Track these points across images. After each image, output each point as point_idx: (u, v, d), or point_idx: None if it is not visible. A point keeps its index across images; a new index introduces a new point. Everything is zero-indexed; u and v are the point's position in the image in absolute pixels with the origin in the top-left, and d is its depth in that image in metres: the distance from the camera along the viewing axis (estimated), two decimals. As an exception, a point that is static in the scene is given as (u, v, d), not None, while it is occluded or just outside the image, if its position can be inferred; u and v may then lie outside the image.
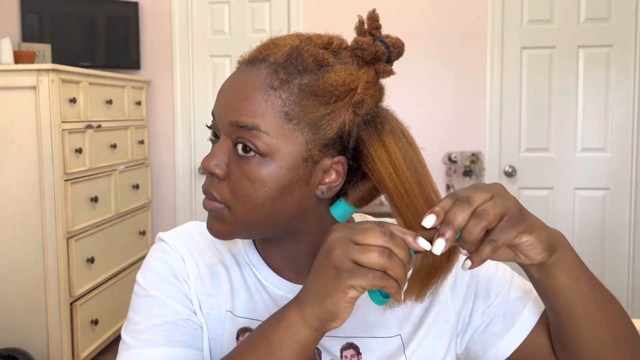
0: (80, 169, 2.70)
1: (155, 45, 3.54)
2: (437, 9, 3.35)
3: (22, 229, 2.58)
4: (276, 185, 0.64)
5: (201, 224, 0.78)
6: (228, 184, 0.66)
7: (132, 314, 0.71)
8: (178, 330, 0.69)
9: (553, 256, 0.61)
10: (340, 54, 0.66)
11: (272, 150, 0.63)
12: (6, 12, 3.39)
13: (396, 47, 0.67)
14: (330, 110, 0.64)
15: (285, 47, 0.65)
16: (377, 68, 0.66)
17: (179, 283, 0.72)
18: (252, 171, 0.64)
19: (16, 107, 2.54)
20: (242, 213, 0.66)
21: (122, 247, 3.12)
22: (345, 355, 0.72)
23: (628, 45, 3.23)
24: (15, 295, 2.60)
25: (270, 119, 0.63)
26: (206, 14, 3.52)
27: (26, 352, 2.55)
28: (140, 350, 0.67)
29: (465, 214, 0.54)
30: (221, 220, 0.67)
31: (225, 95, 0.66)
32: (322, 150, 0.64)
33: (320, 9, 3.37)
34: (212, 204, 0.67)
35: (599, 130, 3.29)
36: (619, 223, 3.32)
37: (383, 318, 0.73)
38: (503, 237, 0.56)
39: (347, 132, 0.65)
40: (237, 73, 0.67)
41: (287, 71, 0.63)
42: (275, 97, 0.63)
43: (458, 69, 3.35)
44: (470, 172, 3.33)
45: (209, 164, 0.66)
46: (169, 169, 3.59)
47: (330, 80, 0.63)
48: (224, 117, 0.65)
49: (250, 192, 0.64)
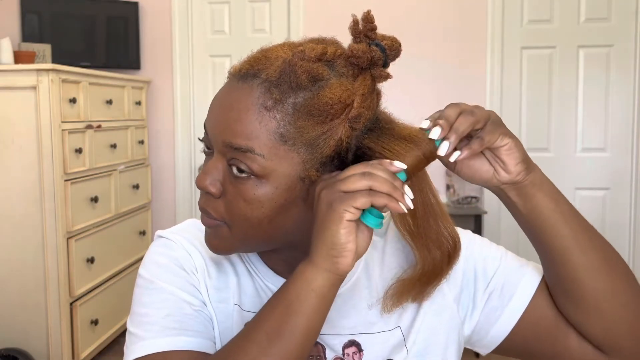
0: (80, 169, 2.70)
1: (155, 45, 3.54)
2: (437, 9, 3.35)
3: (22, 229, 2.58)
4: (273, 205, 0.63)
5: (200, 222, 0.77)
6: (224, 202, 0.65)
7: (138, 307, 0.69)
8: (190, 320, 0.68)
9: (530, 175, 0.66)
10: (334, 63, 0.63)
11: (268, 171, 0.62)
12: (6, 12, 3.39)
13: (392, 49, 0.65)
14: (326, 129, 0.62)
15: (277, 61, 0.63)
16: (373, 73, 0.64)
17: (187, 275, 0.71)
18: (248, 192, 0.63)
19: (16, 107, 2.54)
20: (240, 231, 0.65)
21: (122, 247, 3.12)
22: (347, 352, 0.72)
23: (628, 45, 3.23)
24: (15, 295, 2.60)
25: (265, 140, 0.61)
26: (206, 14, 3.52)
27: (26, 352, 2.55)
28: (154, 341, 0.65)
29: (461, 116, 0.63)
30: (219, 237, 0.67)
31: (218, 112, 0.65)
32: (319, 169, 0.63)
33: (320, 9, 3.37)
34: (210, 221, 0.67)
35: (599, 130, 3.29)
36: (619, 223, 3.32)
37: (382, 313, 0.74)
38: (488, 135, 0.63)
39: (344, 148, 0.64)
40: (229, 88, 0.65)
41: (280, 90, 0.61)
42: (269, 118, 0.61)
43: (458, 69, 3.35)
44: (470, 172, 3.33)
45: (203, 183, 0.65)
46: (169, 169, 3.59)
47: (326, 99, 0.61)
48: (217, 135, 0.64)
49: (247, 212, 0.64)
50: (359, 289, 0.74)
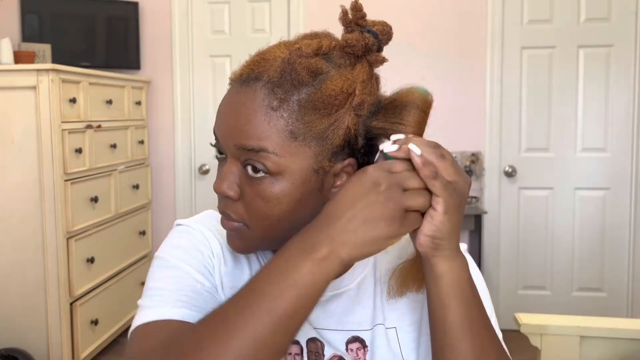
0: (80, 169, 2.70)
1: (155, 45, 3.54)
2: (437, 9, 3.35)
3: (22, 229, 2.58)
4: (291, 201, 0.65)
5: (217, 213, 0.78)
6: (243, 203, 0.66)
7: (151, 283, 0.69)
8: (201, 298, 0.68)
9: (438, 260, 0.61)
10: (331, 55, 0.65)
11: (282, 168, 0.63)
12: (6, 12, 3.39)
13: (384, 33, 0.67)
14: (333, 120, 0.64)
15: (276, 62, 0.64)
16: (369, 59, 0.66)
17: (203, 257, 0.72)
18: (266, 190, 0.64)
19: (16, 107, 2.54)
20: (260, 230, 0.67)
21: (122, 247, 3.12)
22: (351, 348, 0.73)
23: (628, 45, 3.23)
24: (15, 295, 2.60)
25: (276, 139, 0.62)
26: (206, 14, 3.52)
27: (26, 352, 2.55)
28: (162, 309, 0.65)
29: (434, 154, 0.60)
30: (241, 238, 0.68)
31: (226, 118, 0.66)
32: (331, 160, 0.65)
33: (320, 8, 3.37)
34: (231, 224, 0.68)
35: (599, 130, 3.29)
36: (619, 223, 3.32)
37: (382, 310, 0.74)
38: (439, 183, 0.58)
39: (353, 136, 0.65)
40: (233, 94, 0.66)
41: (283, 89, 0.62)
42: (277, 118, 0.62)
43: (458, 69, 3.35)
44: (471, 172, 3.33)
45: (221, 188, 0.66)
46: (169, 169, 3.59)
47: (329, 91, 0.63)
48: (229, 140, 0.65)
49: (266, 210, 0.65)
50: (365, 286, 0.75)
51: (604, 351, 1.40)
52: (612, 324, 1.44)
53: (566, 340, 1.41)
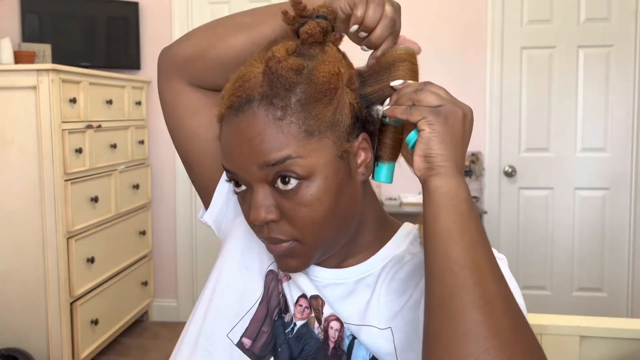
0: (80, 169, 2.70)
1: (155, 45, 3.54)
2: (437, 8, 3.35)
3: (22, 229, 2.58)
4: (330, 195, 0.66)
5: None
6: (286, 221, 0.66)
7: None
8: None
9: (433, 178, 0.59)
10: (301, 51, 0.67)
11: (312, 168, 0.64)
12: (6, 12, 3.39)
13: (330, 12, 0.68)
14: (336, 103, 0.66)
15: (257, 78, 0.65)
16: (331, 40, 0.69)
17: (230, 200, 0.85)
18: (304, 196, 0.65)
19: (16, 107, 2.54)
20: (312, 238, 0.67)
21: (122, 247, 3.12)
22: (332, 326, 0.72)
23: (628, 45, 3.23)
24: (15, 295, 2.60)
25: (295, 144, 0.63)
26: (206, 14, 3.52)
27: (26, 352, 2.55)
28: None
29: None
30: (296, 255, 0.69)
31: (238, 149, 0.65)
32: (349, 140, 0.67)
33: (320, 9, 3.37)
34: (281, 246, 0.68)
35: (599, 130, 3.29)
36: (619, 223, 3.32)
37: (378, 309, 0.72)
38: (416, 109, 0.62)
39: (357, 109, 0.68)
40: (232, 126, 0.66)
41: (280, 97, 0.63)
42: (287, 125, 0.63)
43: (458, 69, 3.35)
44: (470, 172, 3.33)
45: (260, 216, 0.65)
46: (169, 169, 3.59)
47: (320, 79, 0.65)
48: (249, 166, 0.65)
49: (312, 215, 0.65)
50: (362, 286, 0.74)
51: (604, 351, 1.40)
52: (612, 324, 1.44)
53: (566, 340, 1.41)
